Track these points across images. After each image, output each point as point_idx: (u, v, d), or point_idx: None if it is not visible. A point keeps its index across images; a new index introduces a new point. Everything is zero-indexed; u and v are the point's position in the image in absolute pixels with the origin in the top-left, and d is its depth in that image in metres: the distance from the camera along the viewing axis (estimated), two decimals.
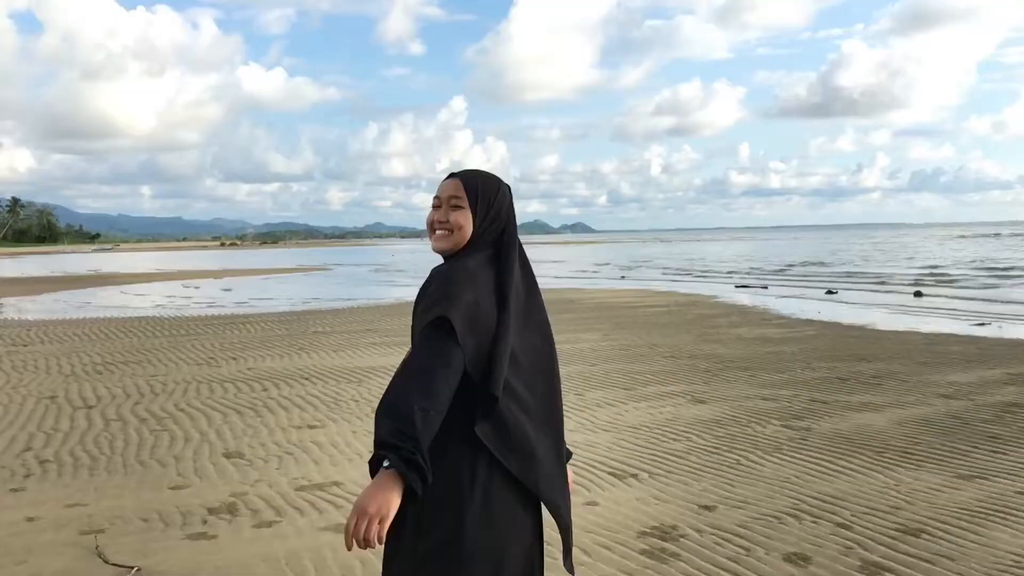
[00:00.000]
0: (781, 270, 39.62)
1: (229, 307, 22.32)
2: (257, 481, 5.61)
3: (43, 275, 45.81)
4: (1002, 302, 20.47)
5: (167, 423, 7.51)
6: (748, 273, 37.11)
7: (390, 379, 1.86)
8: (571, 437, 6.67)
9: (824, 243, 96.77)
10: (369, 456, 6.45)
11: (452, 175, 2.06)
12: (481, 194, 2.02)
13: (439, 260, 2.04)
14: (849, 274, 34.28)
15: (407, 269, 49.52)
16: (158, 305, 23.38)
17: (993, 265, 37.13)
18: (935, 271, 34.52)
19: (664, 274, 39.16)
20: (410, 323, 1.97)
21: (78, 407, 8.29)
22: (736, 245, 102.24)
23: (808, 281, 30.39)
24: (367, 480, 5.72)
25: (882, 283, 28.68)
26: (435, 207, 2.03)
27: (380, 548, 1.83)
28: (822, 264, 44.47)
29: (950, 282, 28.26)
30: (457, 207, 2.00)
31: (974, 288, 25.39)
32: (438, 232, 2.01)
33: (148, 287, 33.35)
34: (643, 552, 4.24)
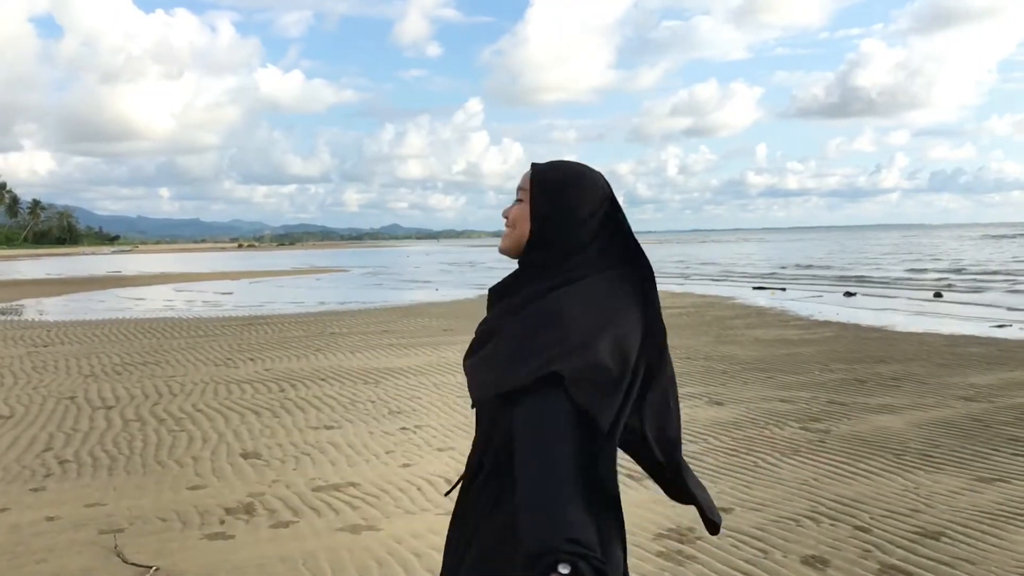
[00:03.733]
0: (799, 271, 39.37)
1: (245, 308, 22.44)
2: (274, 481, 5.64)
3: (63, 276, 46.21)
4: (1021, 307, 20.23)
5: (185, 423, 7.56)
6: (767, 275, 36.90)
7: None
8: None
9: (841, 244, 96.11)
10: (382, 456, 6.41)
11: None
12: (543, 185, 1.62)
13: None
14: (867, 276, 33.99)
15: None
16: (174, 306, 23.55)
17: (1013, 267, 36.73)
18: (955, 272, 34.20)
19: (680, 275, 38.98)
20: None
21: (97, 407, 8.37)
22: (752, 246, 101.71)
23: (826, 283, 30.18)
24: (384, 480, 5.74)
25: (901, 285, 28.44)
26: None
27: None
28: (839, 266, 44.13)
29: (970, 283, 27.98)
30: (519, 200, 1.64)
31: (994, 290, 25.12)
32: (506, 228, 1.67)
33: (163, 289, 33.58)
34: (659, 554, 4.23)
